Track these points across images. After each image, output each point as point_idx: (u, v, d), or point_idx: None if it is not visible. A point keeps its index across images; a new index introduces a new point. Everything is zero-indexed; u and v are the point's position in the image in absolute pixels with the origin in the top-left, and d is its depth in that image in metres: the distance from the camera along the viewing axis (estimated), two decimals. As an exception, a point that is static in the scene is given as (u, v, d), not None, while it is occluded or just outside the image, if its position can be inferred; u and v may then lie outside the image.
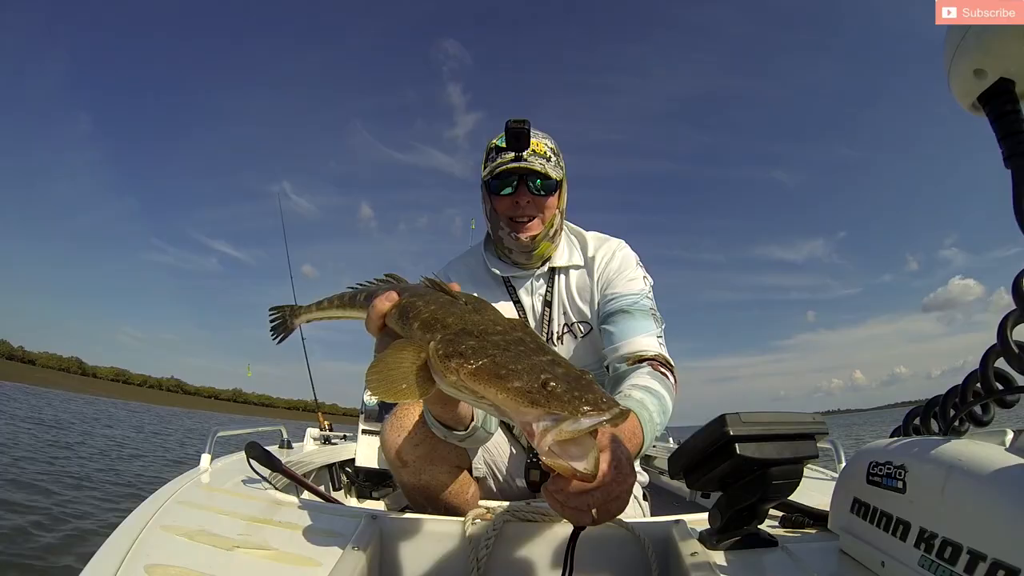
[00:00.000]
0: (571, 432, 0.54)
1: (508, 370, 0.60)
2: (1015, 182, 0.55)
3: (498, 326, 0.71)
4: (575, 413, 0.54)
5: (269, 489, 1.33)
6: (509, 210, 1.41)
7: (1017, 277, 0.57)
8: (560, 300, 1.50)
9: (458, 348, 0.64)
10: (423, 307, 0.78)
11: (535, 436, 0.56)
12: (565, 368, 0.61)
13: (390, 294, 0.84)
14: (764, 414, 0.82)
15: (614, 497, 0.65)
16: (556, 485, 0.62)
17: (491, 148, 1.44)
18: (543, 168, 1.36)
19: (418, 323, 0.75)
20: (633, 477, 0.70)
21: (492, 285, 1.54)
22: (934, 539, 0.61)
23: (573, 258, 1.51)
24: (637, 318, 1.36)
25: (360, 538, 0.90)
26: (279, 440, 2.49)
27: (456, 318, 0.73)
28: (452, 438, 1.18)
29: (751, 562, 0.84)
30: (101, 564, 0.76)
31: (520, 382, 0.58)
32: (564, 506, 0.63)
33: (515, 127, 1.33)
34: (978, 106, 0.59)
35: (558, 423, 0.54)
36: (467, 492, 1.37)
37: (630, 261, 1.50)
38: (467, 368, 0.61)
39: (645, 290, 1.44)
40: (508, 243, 1.45)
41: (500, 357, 0.62)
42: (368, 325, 0.87)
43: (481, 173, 1.46)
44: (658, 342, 1.32)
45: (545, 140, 1.42)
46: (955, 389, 0.73)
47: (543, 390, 0.56)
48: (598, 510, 0.63)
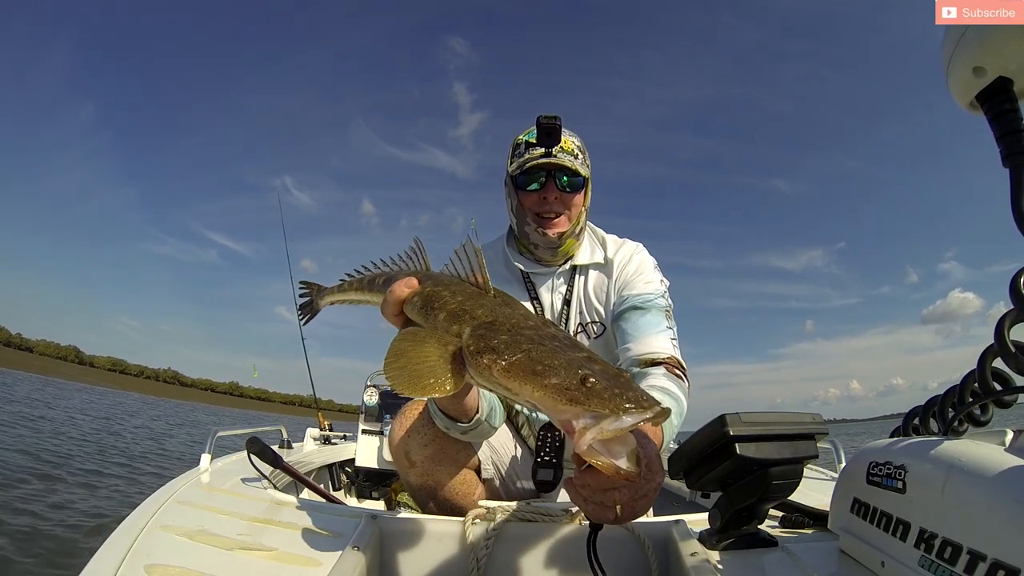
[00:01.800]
0: (613, 431, 0.52)
1: (544, 366, 0.57)
2: (1013, 181, 0.55)
3: (530, 320, 0.68)
4: (617, 411, 0.52)
5: (269, 489, 1.33)
6: (536, 205, 1.40)
7: (1014, 278, 0.57)
8: (578, 299, 1.49)
9: (490, 343, 0.61)
10: (449, 297, 0.73)
11: (574, 433, 0.54)
12: (602, 365, 0.59)
13: (410, 280, 0.79)
14: (764, 414, 0.82)
15: (642, 495, 0.62)
16: (583, 480, 0.60)
17: (519, 143, 1.43)
18: (572, 165, 1.36)
19: (444, 313, 0.71)
20: (662, 475, 0.68)
21: (511, 281, 1.52)
22: (934, 539, 0.61)
23: (595, 257, 1.51)
24: (652, 314, 1.35)
25: (360, 538, 0.91)
26: (279, 440, 2.50)
27: (486, 310, 0.69)
28: (455, 430, 1.17)
29: (751, 562, 0.84)
30: (101, 564, 0.76)
31: (557, 379, 0.55)
32: (588, 501, 0.61)
33: (547, 123, 1.31)
34: (976, 105, 0.59)
35: (598, 421, 0.52)
36: (474, 493, 1.37)
37: (648, 264, 1.49)
38: (500, 364, 0.59)
39: (661, 290, 1.43)
40: (535, 239, 1.43)
41: (535, 352, 0.59)
42: (384, 310, 0.81)
43: (507, 167, 1.45)
44: (672, 343, 1.31)
45: (572, 138, 1.41)
46: (954, 389, 0.73)
47: (582, 387, 0.54)
48: (623, 507, 0.61)
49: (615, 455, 0.54)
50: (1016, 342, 0.60)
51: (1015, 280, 0.57)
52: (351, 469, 2.67)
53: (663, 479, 0.69)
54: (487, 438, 1.35)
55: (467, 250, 0.79)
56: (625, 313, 1.37)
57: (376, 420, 2.71)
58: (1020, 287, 0.57)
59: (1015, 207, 0.54)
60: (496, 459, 1.46)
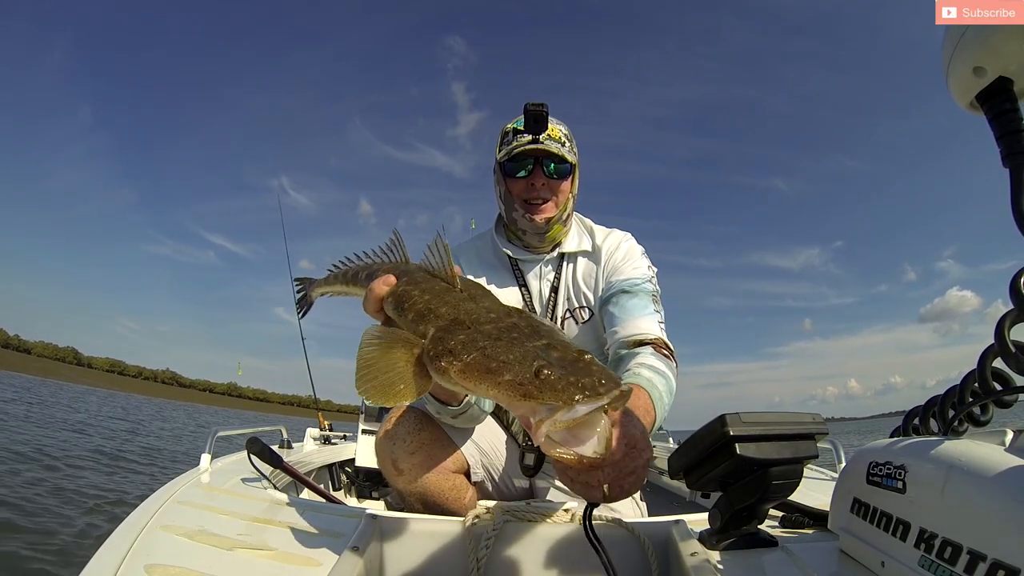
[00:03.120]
0: (566, 422, 0.52)
1: (499, 363, 0.57)
2: (1013, 180, 0.55)
3: (492, 313, 0.68)
4: (570, 402, 0.51)
5: (269, 489, 1.33)
6: (524, 192, 1.42)
7: (1015, 277, 0.57)
8: (566, 286, 1.51)
9: (447, 345, 0.62)
10: (418, 296, 0.75)
11: (532, 430, 0.54)
12: (560, 351, 0.58)
13: (388, 278, 0.82)
14: (764, 414, 0.82)
15: (628, 473, 0.63)
16: (560, 464, 0.60)
17: (507, 131, 1.45)
18: (559, 151, 1.38)
19: (413, 313, 0.73)
20: (648, 452, 0.68)
21: (500, 268, 1.54)
22: (934, 539, 0.61)
23: (583, 244, 1.53)
24: (639, 298, 1.37)
25: (360, 538, 0.90)
26: (279, 440, 2.50)
27: (450, 307, 0.70)
28: (446, 413, 1.18)
29: (751, 562, 0.84)
30: (101, 564, 0.76)
31: (511, 374, 0.55)
32: (573, 481, 0.62)
33: (534, 110, 1.33)
34: (976, 105, 0.59)
35: (552, 413, 0.52)
36: (464, 497, 1.37)
37: (636, 251, 1.52)
38: (456, 366, 0.59)
39: (649, 275, 1.45)
40: (522, 224, 1.45)
41: (491, 349, 0.59)
42: (365, 307, 0.85)
43: (496, 155, 1.47)
44: (659, 326, 1.33)
45: (559, 126, 1.43)
46: (953, 389, 0.72)
47: (535, 379, 0.53)
48: (610, 486, 0.61)
49: (582, 440, 0.53)
50: (1016, 342, 0.60)
51: (1015, 280, 0.57)
52: (351, 469, 2.67)
53: (650, 455, 0.69)
54: (479, 422, 1.36)
55: (437, 245, 0.81)
56: (613, 297, 1.39)
57: (376, 420, 2.71)
58: (1020, 287, 0.57)
59: (1015, 207, 0.54)
60: (486, 461, 1.46)
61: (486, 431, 1.46)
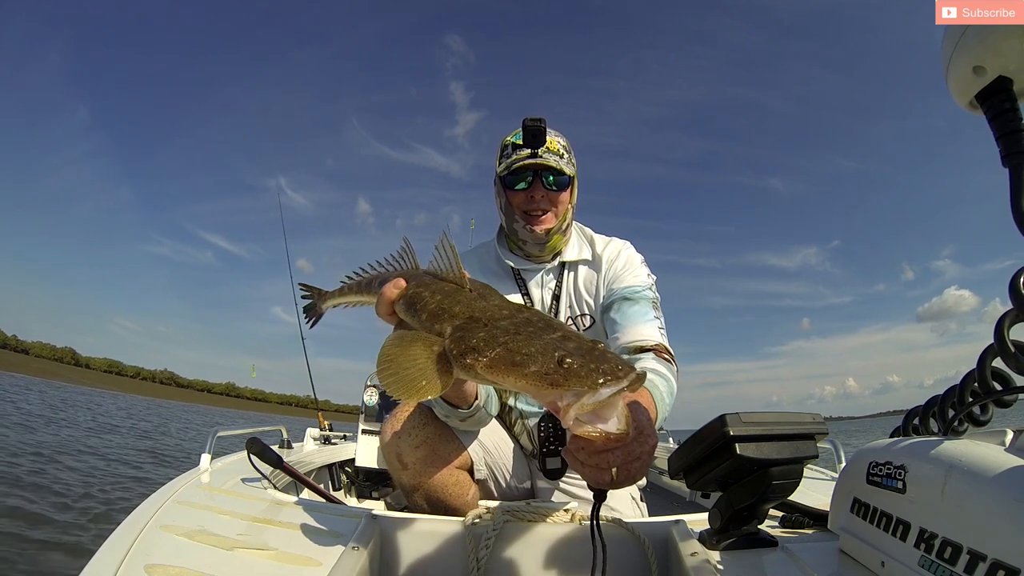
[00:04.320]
0: (592, 404, 0.56)
1: (523, 355, 0.61)
2: (1012, 180, 0.55)
3: (504, 310, 0.72)
4: (595, 386, 0.56)
5: (269, 489, 1.33)
6: (524, 204, 1.46)
7: (1014, 277, 0.57)
8: (568, 294, 1.55)
9: (469, 343, 0.65)
10: (429, 297, 0.79)
11: (560, 414, 0.58)
12: (576, 342, 0.62)
13: (398, 281, 0.86)
14: (764, 414, 0.82)
15: (635, 457, 0.64)
16: (577, 444, 0.63)
17: (506, 145, 1.49)
18: (557, 164, 1.42)
19: (426, 314, 0.77)
20: (655, 439, 0.71)
21: (503, 277, 1.58)
22: (934, 539, 0.61)
23: (583, 253, 1.57)
24: (640, 304, 1.41)
25: (360, 538, 0.91)
26: (279, 440, 2.49)
27: (463, 306, 0.74)
28: (455, 417, 1.21)
29: (751, 562, 0.84)
30: (101, 564, 0.76)
31: (536, 366, 0.59)
32: (584, 465, 0.64)
33: (532, 125, 1.38)
34: (976, 104, 0.59)
35: (579, 397, 0.56)
36: (467, 494, 1.39)
37: (635, 259, 1.56)
38: (482, 362, 0.63)
39: (649, 283, 1.49)
40: (523, 235, 1.49)
41: (512, 343, 0.63)
42: (378, 311, 0.89)
43: (496, 168, 1.51)
44: (660, 332, 1.36)
45: (558, 138, 1.47)
46: (953, 389, 0.73)
47: (560, 368, 0.58)
48: (618, 470, 0.63)
49: (604, 419, 0.58)
50: (1016, 342, 0.60)
51: (1015, 280, 0.57)
52: (351, 469, 2.67)
53: (656, 443, 0.71)
54: (484, 425, 1.40)
55: (444, 246, 0.86)
56: (614, 304, 1.43)
57: (376, 420, 2.71)
58: (1020, 287, 0.57)
59: (1014, 206, 0.54)
60: (489, 460, 1.47)
61: (490, 430, 1.48)
